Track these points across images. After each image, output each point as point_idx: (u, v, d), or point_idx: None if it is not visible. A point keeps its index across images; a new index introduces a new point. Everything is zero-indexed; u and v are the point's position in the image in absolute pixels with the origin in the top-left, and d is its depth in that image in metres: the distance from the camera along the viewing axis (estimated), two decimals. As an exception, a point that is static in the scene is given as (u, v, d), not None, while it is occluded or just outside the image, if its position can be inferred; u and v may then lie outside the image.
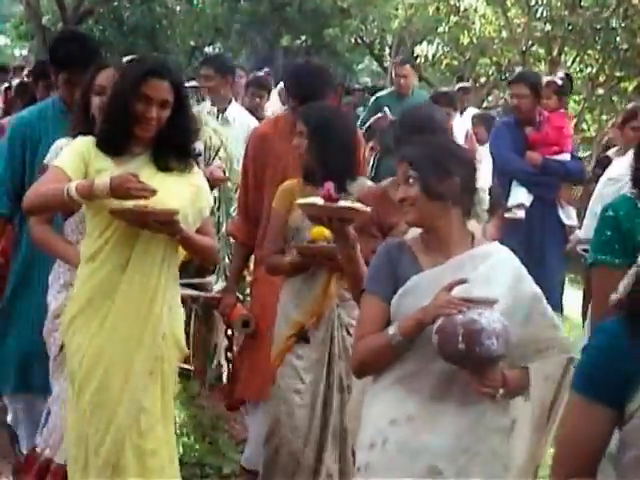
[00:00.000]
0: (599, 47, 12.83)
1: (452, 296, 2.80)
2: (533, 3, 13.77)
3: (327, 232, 3.76)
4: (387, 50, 21.37)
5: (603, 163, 6.63)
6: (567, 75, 7.76)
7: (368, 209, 3.29)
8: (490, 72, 14.73)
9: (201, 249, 3.73)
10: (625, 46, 12.40)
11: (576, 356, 2.81)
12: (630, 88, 13.36)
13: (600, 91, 13.53)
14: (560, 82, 6.94)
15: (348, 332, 4.07)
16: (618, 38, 12.69)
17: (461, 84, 11.31)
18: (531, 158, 6.60)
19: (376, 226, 3.64)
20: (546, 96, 6.73)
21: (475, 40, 14.19)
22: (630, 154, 5.57)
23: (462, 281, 2.82)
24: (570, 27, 12.93)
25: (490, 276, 2.91)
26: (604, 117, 14.25)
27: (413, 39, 17.46)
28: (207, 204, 3.76)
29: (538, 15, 13.66)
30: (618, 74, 13.23)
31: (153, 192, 3.36)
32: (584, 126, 13.98)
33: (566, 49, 13.52)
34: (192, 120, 3.68)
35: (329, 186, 3.25)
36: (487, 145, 7.38)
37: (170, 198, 3.49)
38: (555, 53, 13.29)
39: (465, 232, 3.02)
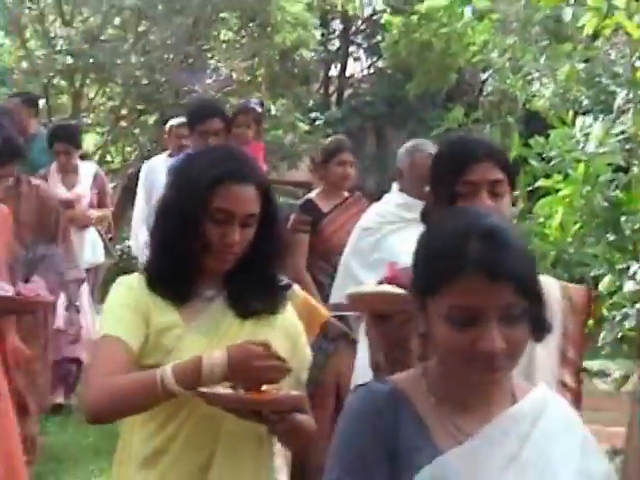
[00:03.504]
0: (120, 81, 13.76)
1: None
2: (53, 36, 13.32)
3: None
4: None
5: (307, 207, 5.21)
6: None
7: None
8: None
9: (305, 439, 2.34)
10: (145, 81, 13.43)
11: None
12: (151, 121, 14.11)
13: (123, 124, 14.04)
14: (259, 109, 5.92)
15: None
16: (138, 72, 13.89)
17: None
18: None
19: None
20: (245, 124, 5.66)
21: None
22: (387, 198, 4.64)
23: None
24: (92, 60, 13.38)
25: (547, 452, 1.68)
26: (128, 149, 14.49)
27: None
28: (305, 363, 2.44)
29: (58, 48, 13.02)
30: (139, 107, 13.93)
31: (288, 371, 2.18)
32: (109, 158, 14.34)
33: (88, 81, 13.52)
34: (281, 235, 2.41)
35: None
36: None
37: None
38: (78, 85, 13.46)
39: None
